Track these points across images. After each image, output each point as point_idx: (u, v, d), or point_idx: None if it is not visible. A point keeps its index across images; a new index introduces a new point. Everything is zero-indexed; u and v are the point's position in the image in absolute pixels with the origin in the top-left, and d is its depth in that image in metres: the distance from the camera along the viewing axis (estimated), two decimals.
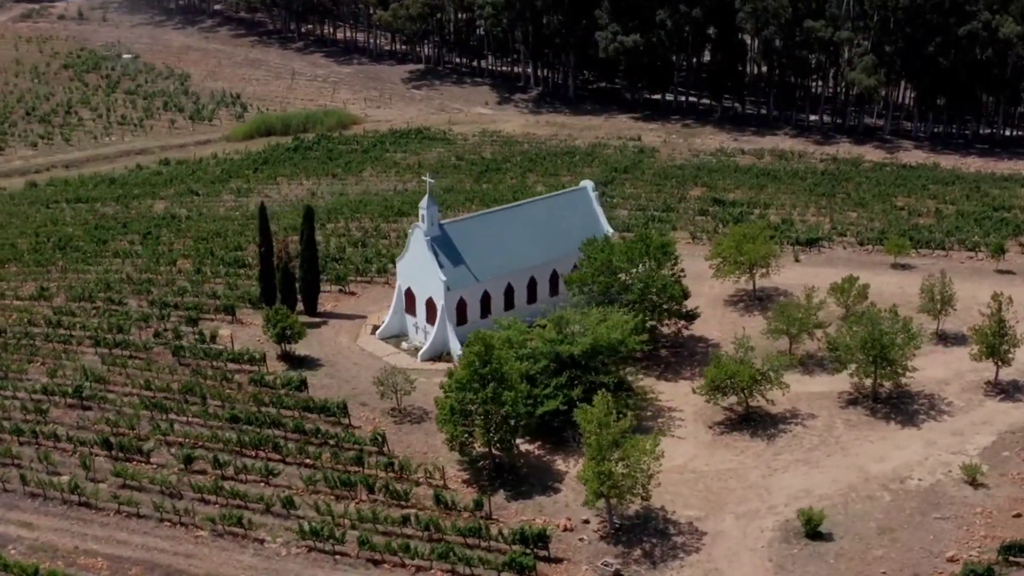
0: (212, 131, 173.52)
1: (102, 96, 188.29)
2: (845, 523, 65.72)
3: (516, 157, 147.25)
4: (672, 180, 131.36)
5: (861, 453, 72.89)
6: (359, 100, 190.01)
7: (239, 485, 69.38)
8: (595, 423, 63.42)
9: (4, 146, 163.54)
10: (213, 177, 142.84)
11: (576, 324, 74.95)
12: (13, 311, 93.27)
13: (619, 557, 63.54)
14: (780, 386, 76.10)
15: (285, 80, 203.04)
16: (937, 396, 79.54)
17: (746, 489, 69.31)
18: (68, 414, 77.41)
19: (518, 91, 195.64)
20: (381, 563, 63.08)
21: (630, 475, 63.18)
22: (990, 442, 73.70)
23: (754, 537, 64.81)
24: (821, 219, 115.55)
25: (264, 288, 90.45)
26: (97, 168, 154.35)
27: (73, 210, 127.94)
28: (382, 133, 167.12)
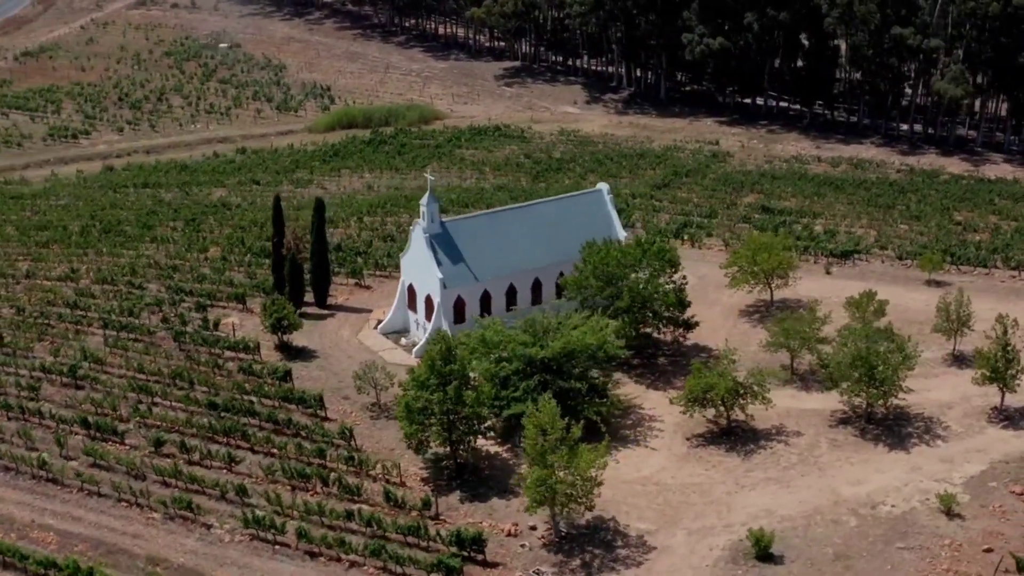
0: (297, 122, 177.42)
1: (195, 84, 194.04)
2: (801, 547, 64.06)
3: (584, 157, 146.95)
4: (731, 186, 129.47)
5: (838, 475, 70.88)
6: (447, 96, 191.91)
7: (201, 470, 71.11)
8: (538, 428, 63.24)
9: (92, 130, 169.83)
10: (280, 167, 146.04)
11: (551, 327, 74.64)
12: (40, 290, 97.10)
13: (556, 566, 63.19)
14: (763, 401, 74.57)
15: (379, 74, 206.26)
16: (936, 420, 76.81)
17: (707, 505, 68.13)
18: (60, 392, 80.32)
19: (609, 91, 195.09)
20: (318, 556, 63.98)
21: (570, 483, 62.70)
22: (979, 471, 70.87)
23: (701, 555, 63.69)
24: (868, 231, 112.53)
25: (276, 279, 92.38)
26: (177, 155, 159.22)
27: (136, 195, 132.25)
28: (461, 129, 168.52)
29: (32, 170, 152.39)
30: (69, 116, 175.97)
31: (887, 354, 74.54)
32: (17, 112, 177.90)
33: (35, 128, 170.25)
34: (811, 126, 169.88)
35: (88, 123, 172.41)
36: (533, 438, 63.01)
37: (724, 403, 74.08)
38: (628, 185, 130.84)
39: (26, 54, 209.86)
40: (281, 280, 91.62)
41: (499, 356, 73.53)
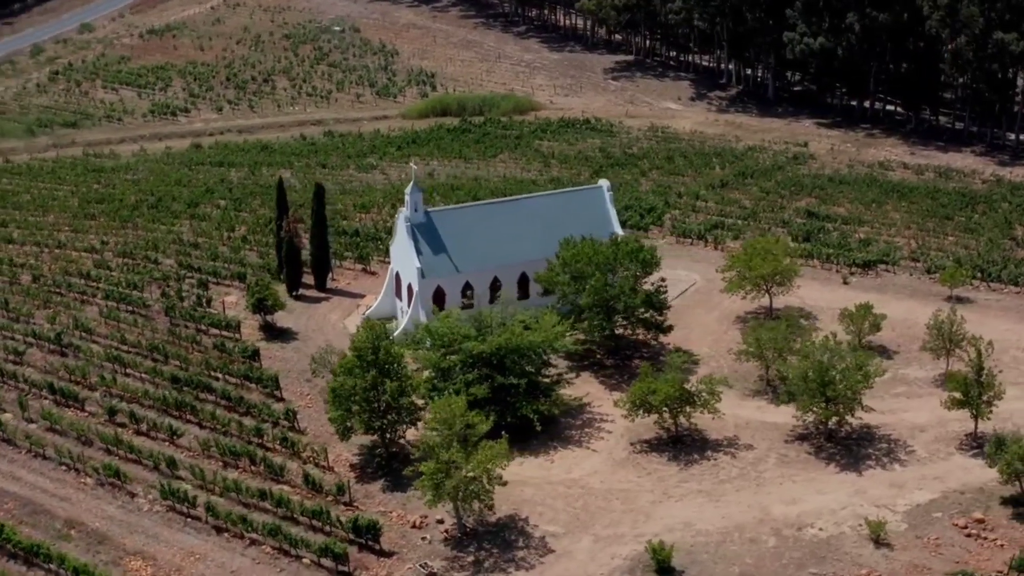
0: (394, 108, 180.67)
1: (305, 67, 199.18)
2: (707, 563, 62.73)
3: (656, 154, 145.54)
4: (791, 189, 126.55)
5: (775, 493, 68.97)
6: (550, 87, 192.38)
7: (144, 441, 73.92)
8: (442, 421, 63.76)
9: (192, 108, 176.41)
10: (355, 151, 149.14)
11: (497, 322, 74.81)
12: (63, 260, 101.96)
13: (448, 561, 63.56)
14: (710, 410, 73.21)
15: (489, 63, 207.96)
16: (902, 442, 73.90)
17: (626, 513, 67.28)
18: (44, 358, 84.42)
19: (717, 88, 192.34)
20: (224, 531, 65.89)
21: (466, 480, 62.90)
22: (928, 500, 67.93)
23: (600, 563, 63.05)
24: (911, 241, 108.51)
25: (279, 260, 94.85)
26: (268, 135, 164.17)
27: (205, 173, 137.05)
28: (551, 121, 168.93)
29: (127, 144, 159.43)
30: (175, 94, 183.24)
31: (846, 371, 72.05)
32: (127, 88, 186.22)
33: (140, 104, 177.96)
34: (914, 131, 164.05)
35: (191, 101, 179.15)
36: (434, 430, 63.45)
37: (670, 410, 72.87)
38: (686, 184, 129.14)
39: (151, 32, 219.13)
40: (282, 262, 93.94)
41: (444, 348, 73.94)
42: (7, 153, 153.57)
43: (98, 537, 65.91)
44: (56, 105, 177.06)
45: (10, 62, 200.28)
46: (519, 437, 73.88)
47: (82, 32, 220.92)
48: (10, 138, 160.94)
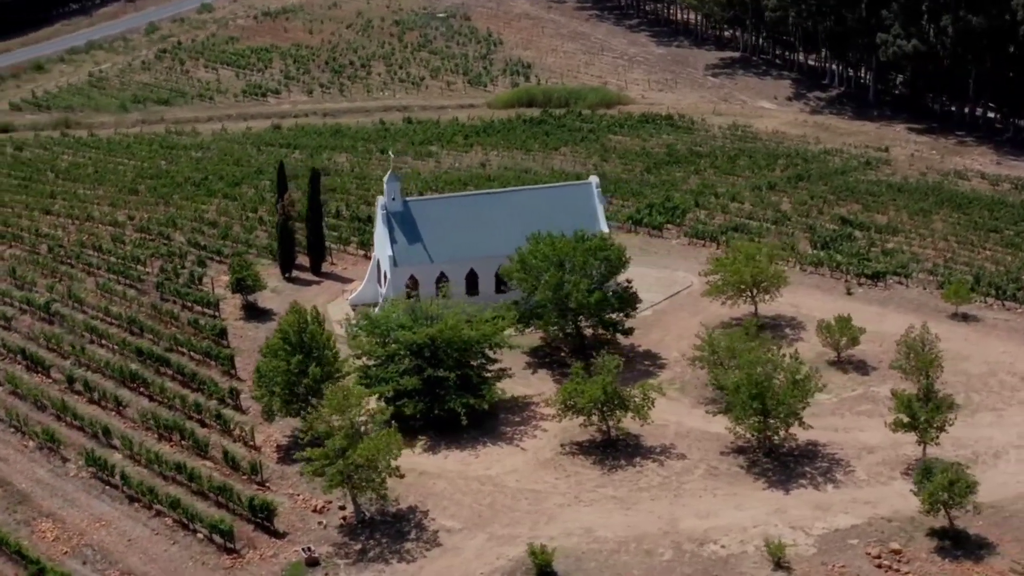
0: (482, 96, 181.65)
1: (406, 54, 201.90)
2: (591, 571, 61.78)
3: (725, 153, 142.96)
4: (840, 194, 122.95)
5: (691, 505, 67.53)
6: (646, 82, 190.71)
7: (94, 409, 76.80)
8: (333, 408, 64.59)
9: (283, 90, 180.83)
10: (421, 139, 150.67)
11: (434, 314, 75.11)
12: (86, 232, 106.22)
13: (335, 547, 64.39)
14: (641, 416, 72.08)
15: (591, 55, 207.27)
16: (844, 463, 71.37)
17: (530, 514, 66.87)
18: (32, 325, 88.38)
19: (818, 89, 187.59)
20: (135, 501, 68.13)
21: (354, 467, 63.48)
22: (849, 525, 65.48)
23: (484, 562, 62.86)
24: (944, 254, 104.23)
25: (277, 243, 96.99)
26: (350, 120, 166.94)
27: (269, 154, 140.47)
28: (633, 116, 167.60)
29: (212, 123, 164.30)
30: (271, 75, 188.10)
31: (784, 385, 69.93)
32: (227, 68, 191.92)
33: (235, 84, 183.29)
34: (1010, 141, 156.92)
35: (285, 83, 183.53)
36: (326, 417, 64.29)
37: (600, 413, 71.99)
38: (734, 184, 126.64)
39: (266, 14, 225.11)
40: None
41: (383, 336, 74.71)
42: (97, 127, 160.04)
43: (20, 497, 68.84)
44: (155, 82, 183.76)
45: (124, 39, 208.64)
46: (451, 430, 74.25)
47: (200, 12, 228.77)
48: (104, 113, 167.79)
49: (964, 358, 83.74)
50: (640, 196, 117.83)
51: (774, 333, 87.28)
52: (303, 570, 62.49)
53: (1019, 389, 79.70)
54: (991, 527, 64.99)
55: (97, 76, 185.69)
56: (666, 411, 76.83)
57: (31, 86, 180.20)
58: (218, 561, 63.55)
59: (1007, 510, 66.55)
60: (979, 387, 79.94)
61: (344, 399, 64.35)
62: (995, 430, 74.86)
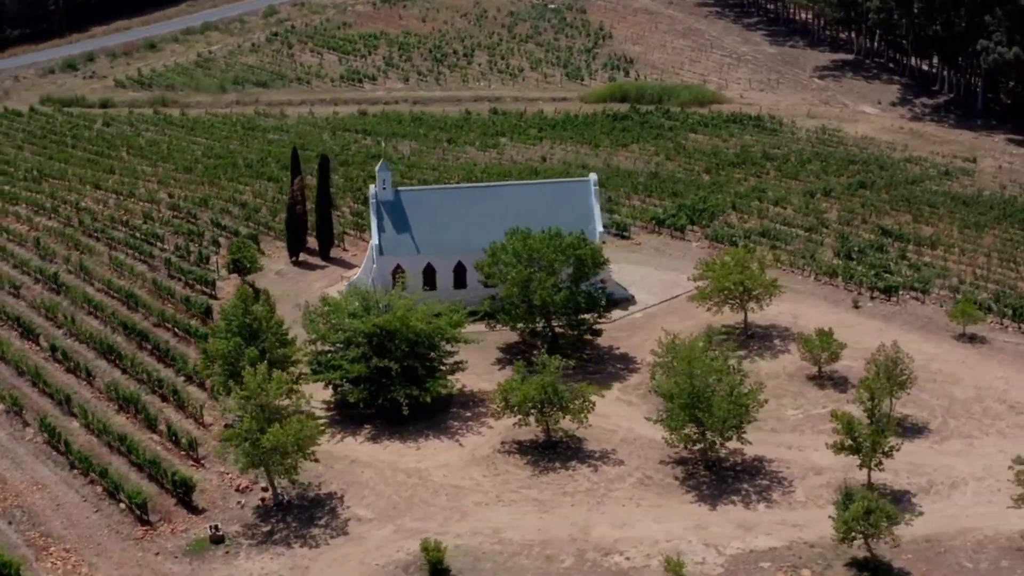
0: (578, 90, 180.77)
1: (512, 45, 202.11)
2: (485, 572, 61.53)
3: (798, 156, 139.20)
4: (895, 204, 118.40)
5: (611, 513, 66.36)
6: (747, 81, 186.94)
7: (69, 378, 79.57)
8: (250, 390, 65.47)
9: (380, 76, 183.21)
10: (495, 130, 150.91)
11: (385, 303, 75.32)
12: (122, 208, 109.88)
13: (244, 527, 65.50)
14: (579, 419, 70.95)
15: (699, 52, 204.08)
16: (786, 482, 68.99)
17: (445, 510, 66.80)
18: (40, 294, 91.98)
19: (926, 95, 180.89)
20: (75, 468, 70.42)
21: (262, 449, 64.18)
22: (767, 547, 63.32)
23: (382, 554, 63.13)
24: (978, 270, 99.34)
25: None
26: (440, 108, 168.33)
27: (339, 139, 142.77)
28: (721, 115, 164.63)
29: (303, 107, 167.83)
30: (372, 61, 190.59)
31: (725, 397, 67.81)
32: (332, 53, 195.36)
33: (336, 69, 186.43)
34: None
35: (384, 70, 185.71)
36: (243, 397, 65.25)
37: (541, 412, 71.06)
38: (790, 188, 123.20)
39: (384, 1, 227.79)
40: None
41: (337, 324, 75.40)
42: (193, 106, 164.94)
43: None
44: (259, 65, 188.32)
45: (240, 21, 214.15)
46: (399, 421, 74.48)
47: None
48: (202, 93, 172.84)
49: (955, 381, 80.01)
50: (680, 196, 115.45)
51: (761, 343, 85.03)
52: (207, 546, 63.53)
53: (1002, 418, 75.63)
54: (919, 561, 62.15)
55: (205, 57, 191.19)
56: (620, 416, 75.77)
57: (141, 64, 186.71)
58: (131, 531, 65.27)
59: (943, 545, 63.41)
60: (960, 413, 76.21)
61: (260, 383, 64.92)
62: (961, 459, 71.30)
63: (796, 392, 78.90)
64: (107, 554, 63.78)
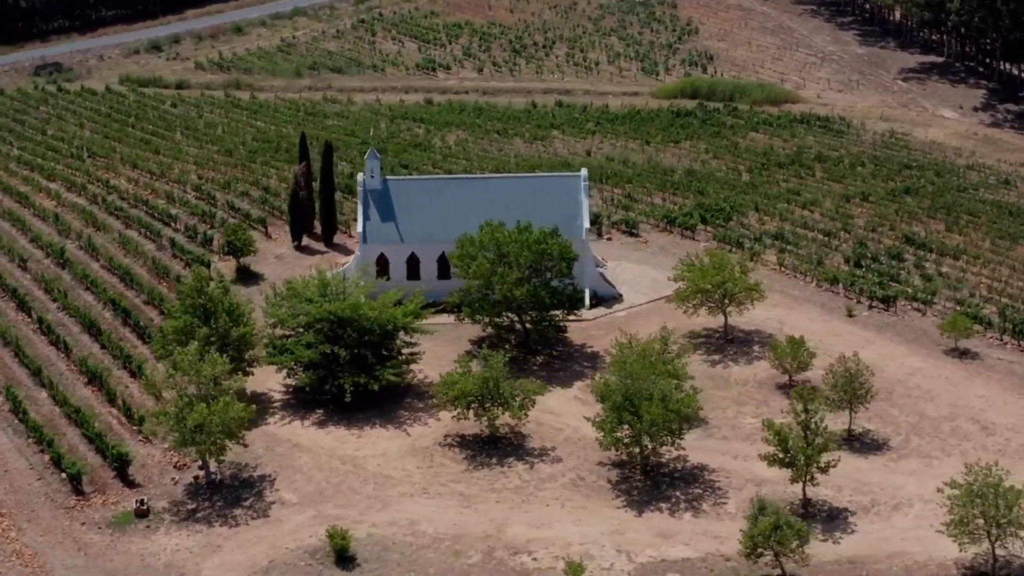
0: (651, 85, 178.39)
1: (594, 38, 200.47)
2: (389, 563, 62.22)
3: (850, 159, 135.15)
4: (934, 211, 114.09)
5: (532, 512, 65.95)
6: (826, 81, 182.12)
7: (49, 350, 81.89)
8: (184, 369, 66.47)
9: (455, 66, 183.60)
10: (550, 123, 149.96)
11: (340, 291, 75.58)
12: (149, 188, 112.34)
13: (171, 503, 66.80)
14: (517, 415, 70.28)
15: (784, 50, 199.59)
16: (721, 492, 67.61)
17: (368, 499, 67.40)
18: (45, 268, 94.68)
19: (1012, 100, 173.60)
20: (30, 437, 72.68)
21: (188, 429, 65.02)
22: (680, 558, 62.38)
23: (294, 538, 64.00)
24: (993, 283, 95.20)
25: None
26: (503, 99, 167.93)
27: (392, 127, 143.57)
28: (790, 115, 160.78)
29: (373, 94, 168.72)
30: (451, 51, 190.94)
31: (657, 402, 66.33)
32: (413, 41, 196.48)
33: (413, 57, 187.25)
34: None
35: (461, 60, 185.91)
36: (171, 375, 66.33)
37: (482, 406, 70.48)
38: (830, 191, 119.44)
39: None
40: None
41: (294, 309, 76.05)
42: (265, 90, 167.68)
43: None
44: (339, 51, 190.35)
45: (330, 7, 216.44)
46: (352, 407, 74.78)
47: None
48: (277, 78, 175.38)
49: (931, 397, 77.14)
50: (705, 195, 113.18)
51: (739, 348, 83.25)
52: (131, 520, 64.83)
53: (970, 439, 72.54)
54: None
55: (288, 42, 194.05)
56: (571, 415, 75.17)
57: (225, 47, 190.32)
58: (65, 501, 66.67)
59: (867, 568, 61.62)
60: (926, 431, 73.41)
61: (192, 362, 65.77)
62: (913, 480, 68.78)
63: (760, 400, 76.85)
64: (37, 520, 65.75)
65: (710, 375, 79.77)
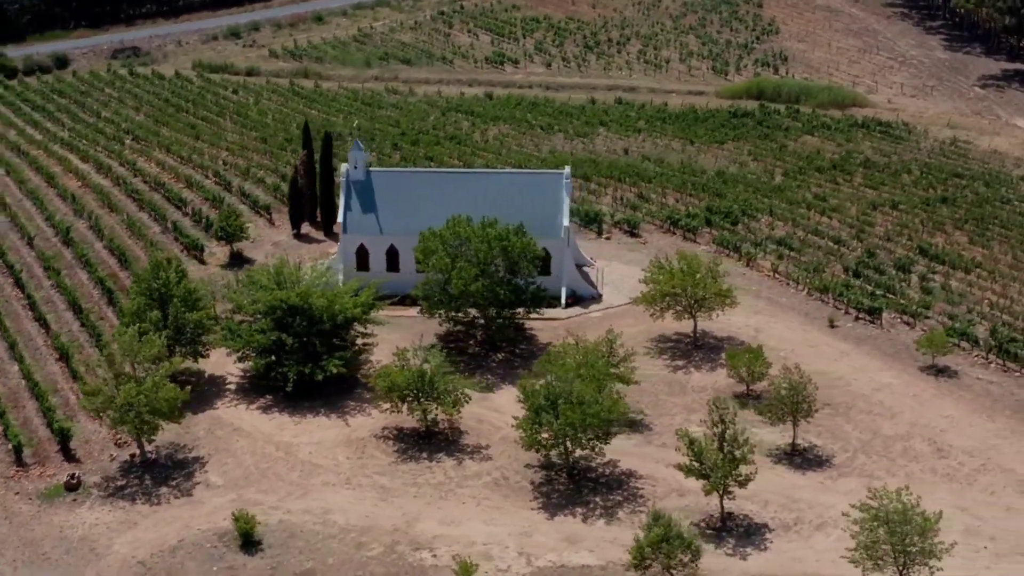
0: (718, 85, 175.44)
1: (670, 36, 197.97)
2: (291, 550, 62.83)
3: (898, 166, 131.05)
4: (964, 223, 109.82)
5: (446, 509, 65.94)
6: (900, 86, 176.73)
7: (29, 325, 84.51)
8: (123, 348, 67.81)
9: (524, 60, 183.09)
10: (598, 120, 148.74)
11: (293, 279, 76.10)
12: (172, 172, 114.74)
13: (103, 479, 68.62)
14: (447, 410, 69.91)
15: (863, 53, 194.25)
16: (642, 501, 66.42)
17: (291, 486, 68.25)
18: (51, 246, 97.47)
19: None
20: None
21: (118, 406, 66.29)
22: (579, 564, 61.56)
23: (209, 520, 65.16)
24: (998, 298, 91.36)
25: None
26: (563, 95, 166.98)
27: (441, 119, 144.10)
28: (852, 119, 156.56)
29: (437, 85, 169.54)
30: (523, 45, 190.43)
31: (575, 405, 65.29)
32: (487, 34, 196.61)
33: (484, 50, 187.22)
34: None
35: (531, 54, 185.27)
36: (115, 355, 67.79)
37: (418, 400, 70.30)
38: (863, 197, 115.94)
39: None
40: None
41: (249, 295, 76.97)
42: (331, 79, 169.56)
43: None
44: (413, 42, 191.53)
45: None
46: (297, 395, 75.23)
47: None
48: (347, 67, 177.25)
49: (892, 415, 74.66)
50: (723, 197, 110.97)
51: (706, 355, 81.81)
52: (61, 493, 66.31)
53: (920, 460, 69.99)
54: None
55: (365, 32, 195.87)
56: (512, 414, 73.50)
57: (302, 35, 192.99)
58: (6, 471, 68.33)
59: None
60: (876, 450, 70.93)
61: (129, 343, 66.94)
62: (847, 500, 65.44)
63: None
64: None
65: (668, 380, 78.28)
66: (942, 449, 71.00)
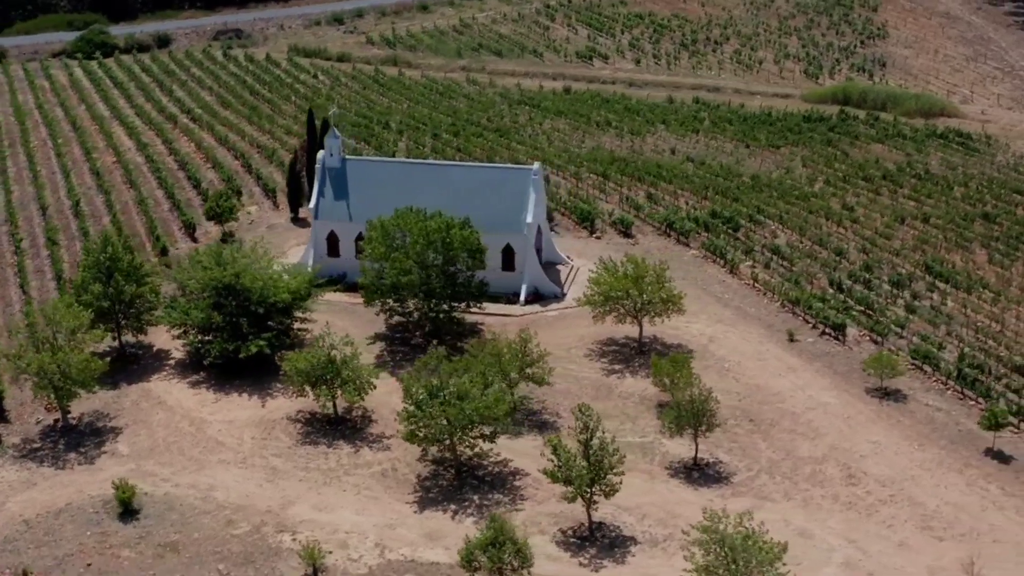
0: (806, 88, 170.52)
1: (772, 37, 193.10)
2: (166, 522, 64.22)
3: (957, 180, 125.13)
4: (991, 239, 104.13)
5: (325, 495, 66.89)
6: (998, 97, 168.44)
7: (15, 294, 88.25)
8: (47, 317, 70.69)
9: (614, 56, 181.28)
10: (660, 119, 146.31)
11: (233, 261, 77.42)
12: (205, 152, 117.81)
13: (23, 441, 72.08)
14: (349, 397, 70.29)
15: (971, 61, 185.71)
16: (519, 502, 65.88)
17: (190, 460, 70.22)
18: (60, 220, 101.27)
19: None
20: None
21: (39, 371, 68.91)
22: (429, 561, 61.29)
23: (100, 486, 67.13)
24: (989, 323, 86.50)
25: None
26: (643, 92, 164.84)
27: (502, 112, 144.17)
28: (934, 129, 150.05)
29: (519, 78, 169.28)
30: (618, 40, 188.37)
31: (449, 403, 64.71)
32: (585, 28, 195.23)
33: (577, 45, 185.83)
34: None
35: (623, 50, 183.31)
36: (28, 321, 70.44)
37: (326, 385, 70.84)
38: (896, 209, 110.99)
39: None
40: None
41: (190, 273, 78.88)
42: (418, 68, 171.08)
43: None
44: (510, 34, 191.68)
45: None
46: (231, 372, 76.76)
47: None
48: (439, 56, 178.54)
49: (814, 437, 71.87)
50: (740, 202, 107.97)
51: (646, 360, 79.54)
52: None
53: (826, 486, 67.58)
54: None
55: (464, 22, 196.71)
56: None
57: (404, 24, 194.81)
58: None
59: None
60: (781, 471, 68.60)
61: (51, 313, 69.45)
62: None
63: (630, 416, 73.45)
64: None
65: (597, 384, 76.90)
66: (854, 476, 67.83)
